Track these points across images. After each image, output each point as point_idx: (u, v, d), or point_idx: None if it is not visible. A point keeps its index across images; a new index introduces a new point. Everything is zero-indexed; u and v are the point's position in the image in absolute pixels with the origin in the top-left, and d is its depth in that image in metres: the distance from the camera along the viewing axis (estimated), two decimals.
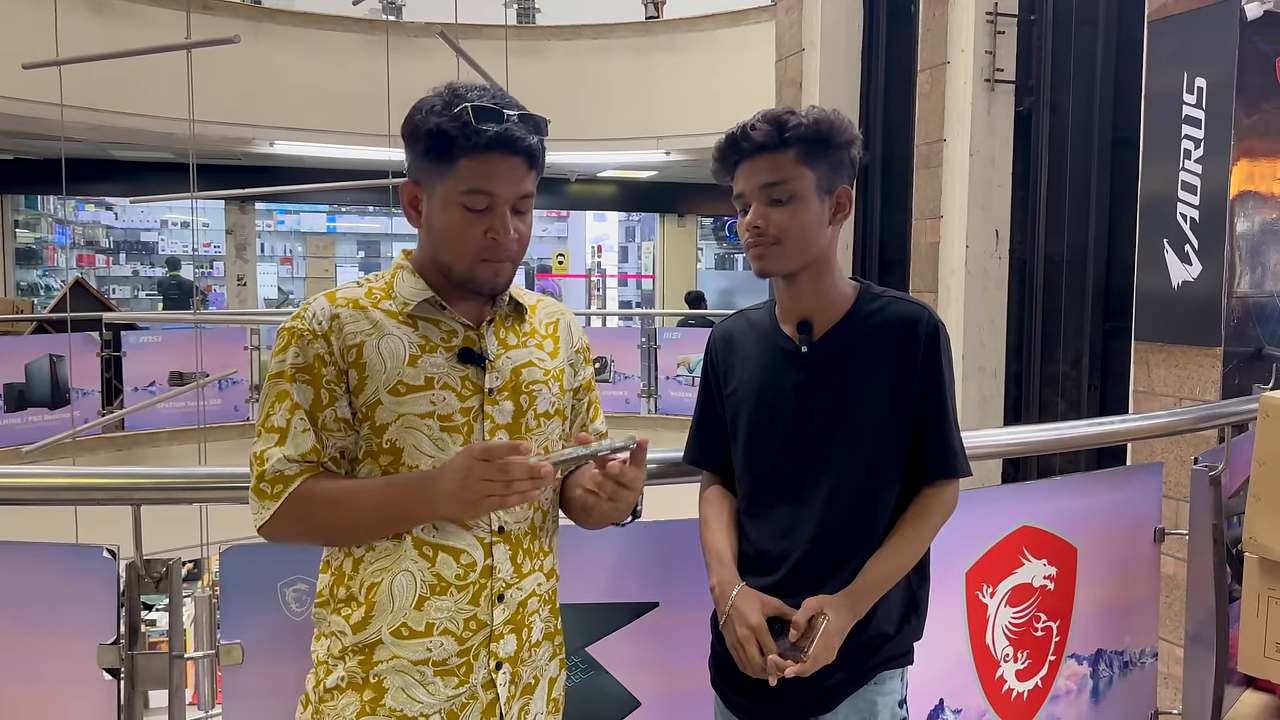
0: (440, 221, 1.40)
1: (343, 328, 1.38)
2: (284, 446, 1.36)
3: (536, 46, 9.92)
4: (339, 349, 1.38)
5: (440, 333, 1.42)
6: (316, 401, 1.37)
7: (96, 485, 1.71)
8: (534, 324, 1.53)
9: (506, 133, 1.35)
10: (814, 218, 1.55)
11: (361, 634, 1.38)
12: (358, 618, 1.38)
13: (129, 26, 8.45)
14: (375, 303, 1.42)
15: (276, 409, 1.38)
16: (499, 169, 1.36)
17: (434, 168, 1.38)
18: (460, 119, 1.34)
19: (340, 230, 15.14)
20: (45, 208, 13.44)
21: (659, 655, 1.83)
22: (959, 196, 5.02)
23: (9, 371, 7.30)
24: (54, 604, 1.69)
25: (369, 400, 1.38)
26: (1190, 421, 2.36)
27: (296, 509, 1.36)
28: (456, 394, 1.40)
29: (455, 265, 1.40)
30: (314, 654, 1.45)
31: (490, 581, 1.40)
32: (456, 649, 1.39)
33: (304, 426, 1.37)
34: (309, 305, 1.41)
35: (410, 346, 1.39)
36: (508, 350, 1.46)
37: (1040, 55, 4.89)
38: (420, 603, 1.37)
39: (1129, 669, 2.24)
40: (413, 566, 1.38)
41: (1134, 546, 2.23)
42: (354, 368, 1.38)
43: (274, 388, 1.39)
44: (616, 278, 16.62)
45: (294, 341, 1.38)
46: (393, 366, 1.38)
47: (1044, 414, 4.89)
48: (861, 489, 1.54)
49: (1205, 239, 3.48)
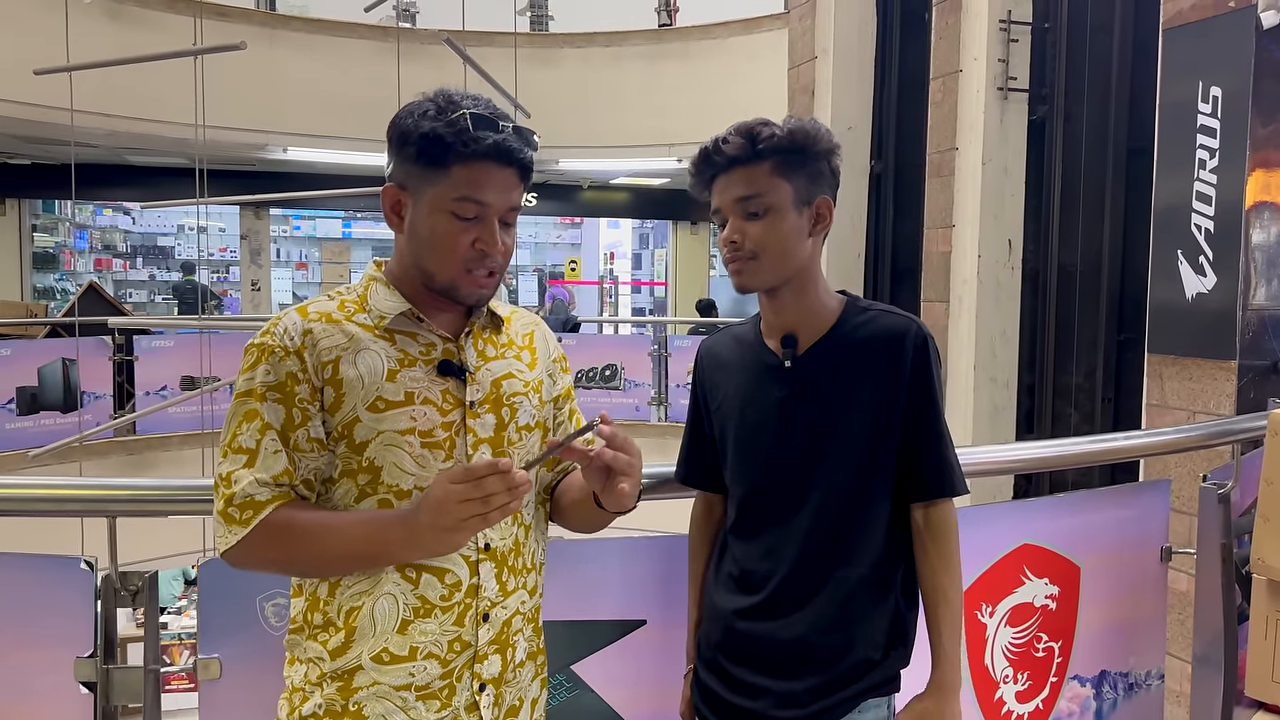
0: (426, 228, 1.36)
1: (317, 343, 1.33)
2: (254, 468, 1.30)
3: (549, 54, 9.93)
4: (313, 365, 1.32)
5: (419, 346, 1.38)
6: (289, 421, 1.32)
7: (71, 496, 1.68)
8: (511, 335, 1.49)
9: (504, 143, 1.33)
10: (792, 230, 1.50)
11: (340, 660, 1.34)
12: (336, 643, 1.34)
13: (141, 32, 8.50)
14: (349, 316, 1.37)
15: (244, 429, 1.32)
16: (493, 178, 1.34)
17: (424, 173, 1.34)
18: (457, 125, 1.32)
19: (356, 235, 15.18)
20: (63, 212, 13.53)
21: (646, 674, 1.79)
22: (971, 206, 4.98)
23: (22, 375, 7.31)
24: (32, 615, 1.66)
25: (346, 418, 1.33)
26: (1199, 438, 2.31)
27: (267, 537, 1.29)
28: (438, 408, 1.36)
29: (438, 274, 1.36)
30: (287, 679, 1.40)
31: (475, 601, 1.36)
32: (440, 672, 1.35)
33: (275, 447, 1.31)
34: (279, 320, 1.35)
35: (389, 361, 1.35)
36: (487, 362, 1.43)
37: (1054, 64, 4.84)
38: (403, 626, 1.33)
39: (1134, 691, 2.18)
40: (395, 589, 1.33)
41: (1140, 565, 2.17)
42: (330, 384, 1.33)
43: (242, 406, 1.32)
44: (629, 285, 16.61)
45: (264, 358, 1.33)
46: (371, 382, 1.33)
47: (1057, 426, 4.82)
48: (847, 507, 1.50)
49: (1220, 250, 3.41)
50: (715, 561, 1.62)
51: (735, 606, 1.54)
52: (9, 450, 7.08)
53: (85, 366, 7.31)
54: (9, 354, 7.33)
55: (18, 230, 11.94)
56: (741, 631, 1.53)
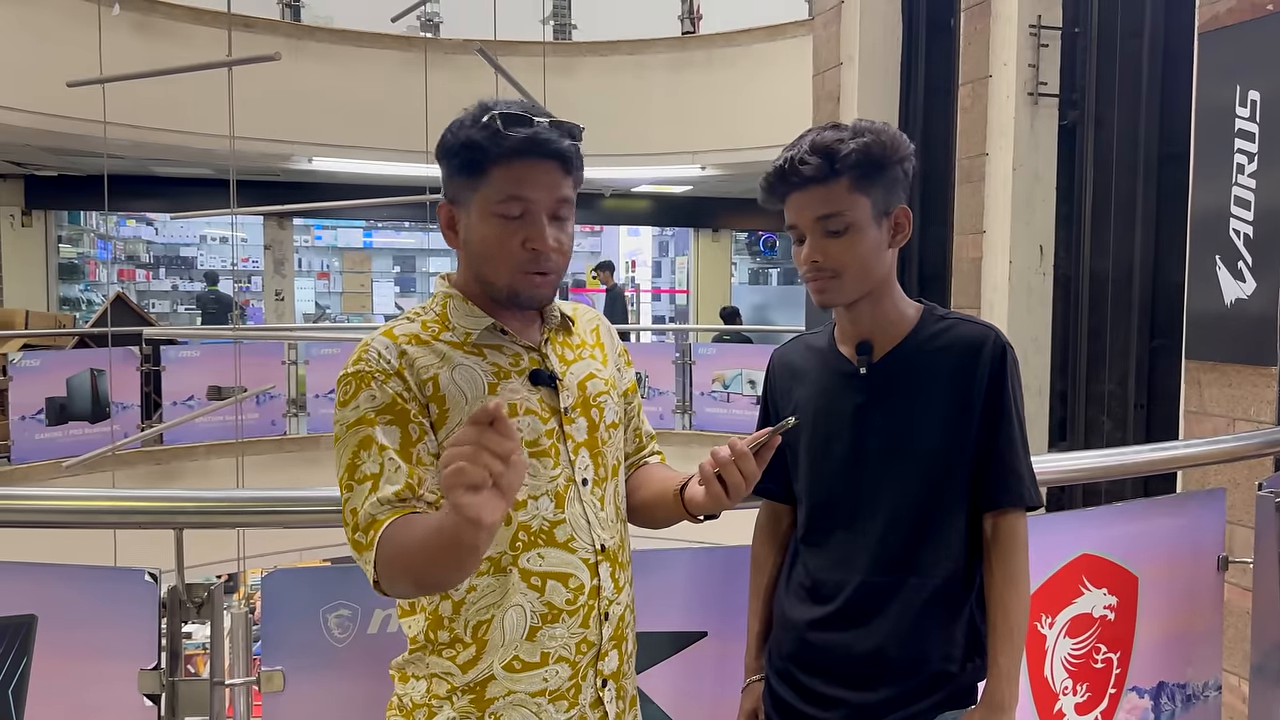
0: (478, 236, 1.36)
1: (414, 362, 1.33)
2: (378, 491, 1.27)
3: (573, 63, 9.94)
4: (415, 384, 1.32)
5: (507, 358, 1.39)
6: (406, 438, 1.30)
7: (138, 509, 1.69)
8: (580, 334, 1.50)
9: (536, 136, 1.32)
10: (873, 245, 1.49)
11: (472, 672, 1.34)
12: (466, 658, 1.34)
13: (171, 45, 8.56)
14: (435, 336, 1.37)
15: (364, 456, 1.28)
16: (531, 174, 1.33)
17: (468, 182, 1.35)
18: (489, 128, 1.32)
19: (376, 245, 15.25)
20: (87, 223, 13.63)
21: (707, 686, 1.78)
22: (1002, 211, 4.95)
23: (51, 385, 7.37)
24: (95, 628, 1.67)
25: (452, 433, 1.31)
26: (1256, 446, 2.28)
27: (388, 551, 1.24)
28: (539, 417, 1.37)
29: (496, 280, 1.37)
30: (404, 697, 1.39)
31: (598, 602, 1.39)
32: (569, 674, 1.37)
33: (395, 465, 1.28)
34: (368, 346, 1.34)
35: (486, 375, 1.36)
36: (569, 366, 1.44)
37: (1085, 68, 4.81)
38: (532, 633, 1.34)
39: (1192, 702, 2.16)
40: (522, 600, 1.34)
41: (1196, 574, 2.15)
42: (433, 401, 1.32)
43: (354, 436, 1.29)
44: (650, 293, 16.60)
45: (365, 385, 1.31)
46: (474, 396, 1.33)
47: (1090, 434, 4.79)
48: (921, 516, 1.49)
49: (1260, 255, 3.38)
50: (786, 571, 1.61)
51: (808, 617, 1.53)
52: (39, 460, 7.14)
53: (113, 377, 7.36)
54: (39, 365, 7.40)
55: (44, 241, 12.04)
56: (814, 642, 1.52)
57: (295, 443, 8.37)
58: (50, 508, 1.71)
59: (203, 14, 8.78)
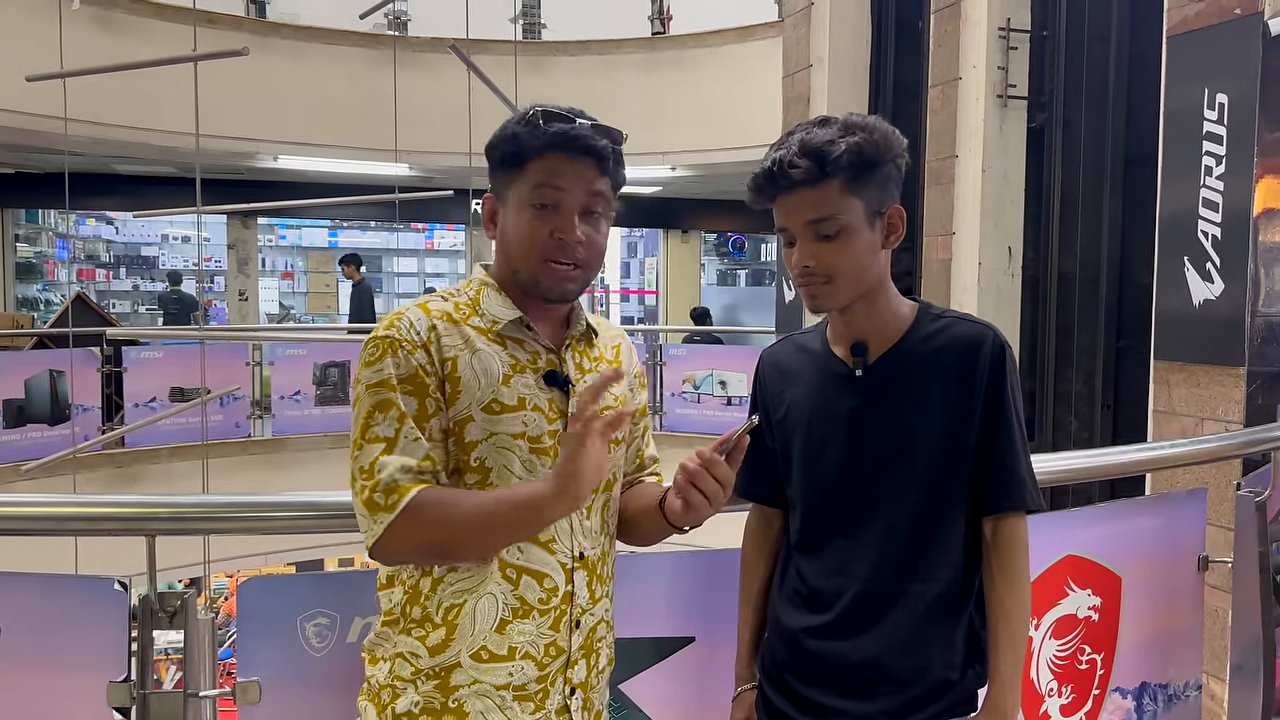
0: (512, 226, 1.41)
1: (440, 339, 1.37)
2: (396, 455, 1.31)
3: (543, 62, 9.89)
4: (438, 360, 1.36)
5: (526, 354, 1.42)
6: (422, 411, 1.34)
7: (110, 515, 1.64)
8: (601, 349, 1.52)
9: (573, 131, 1.38)
10: (866, 248, 1.45)
11: (439, 656, 1.35)
12: (436, 639, 1.35)
13: (132, 40, 8.42)
14: (465, 319, 1.41)
15: (381, 419, 1.32)
16: (566, 167, 1.38)
17: (508, 175, 1.41)
18: (530, 123, 1.39)
19: (342, 245, 15.07)
20: (45, 222, 13.38)
21: (695, 692, 1.75)
22: (971, 213, 4.98)
23: (8, 387, 7.21)
24: (61, 638, 1.61)
25: (459, 415, 1.36)
26: (1237, 446, 2.30)
27: (418, 520, 1.29)
28: (545, 416, 1.40)
29: (523, 269, 1.41)
30: (371, 679, 1.40)
31: (570, 608, 1.40)
32: (536, 674, 1.38)
33: (414, 435, 1.32)
34: (403, 314, 1.38)
35: (503, 365, 1.39)
36: (584, 375, 1.46)
37: (1053, 71, 4.85)
38: (501, 625, 1.36)
39: (1173, 702, 2.17)
40: (496, 589, 1.36)
41: (1177, 575, 2.16)
42: (449, 380, 1.36)
43: (375, 397, 1.33)
44: (620, 293, 16.56)
45: (392, 351, 1.34)
46: (487, 384, 1.37)
47: (1057, 434, 4.82)
48: (920, 522, 1.45)
49: (1228, 257, 3.42)
50: (779, 577, 1.58)
51: (803, 625, 1.50)
52: None
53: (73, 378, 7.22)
54: None
55: (0, 240, 11.80)
56: (811, 650, 1.49)
57: (260, 445, 8.25)
58: (16, 514, 1.64)
59: (165, 9, 8.65)
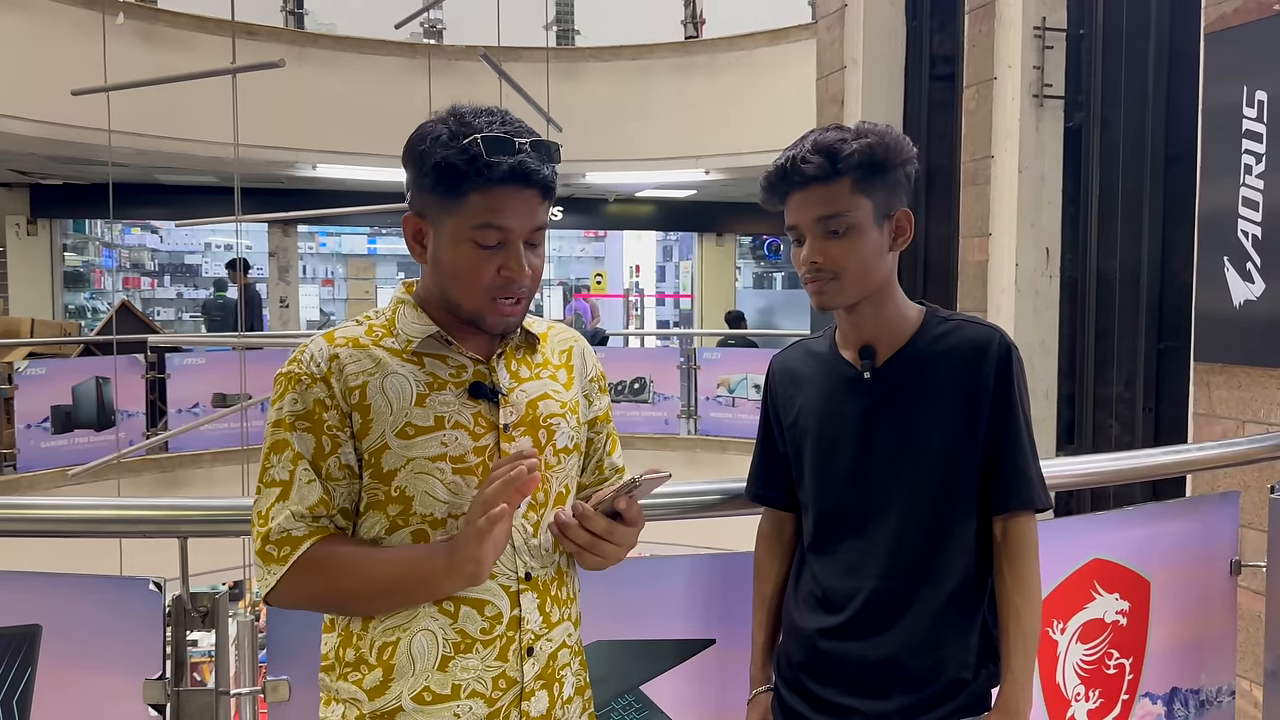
0: (449, 258, 1.31)
1: (343, 368, 1.30)
2: (288, 501, 1.27)
3: (576, 68, 9.95)
4: (340, 391, 1.29)
5: (448, 369, 1.34)
6: (319, 450, 1.28)
7: (143, 518, 1.68)
8: (546, 354, 1.44)
9: (521, 165, 1.26)
10: (874, 247, 1.47)
11: (379, 700, 1.29)
12: (373, 682, 1.29)
13: (175, 53, 8.59)
14: (376, 340, 1.33)
15: (276, 461, 1.29)
16: (512, 202, 1.27)
17: (441, 202, 1.29)
18: (469, 152, 1.25)
19: (380, 252, 15.27)
20: (92, 231, 13.67)
21: (715, 694, 1.76)
22: (1008, 214, 4.93)
23: (56, 394, 7.37)
24: (99, 638, 1.66)
25: (374, 445, 1.29)
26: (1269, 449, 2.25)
27: (307, 572, 1.26)
28: (469, 432, 1.31)
29: (464, 304, 1.32)
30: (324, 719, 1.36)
31: (519, 634, 1.31)
32: (486, 711, 1.29)
33: (309, 477, 1.28)
34: (306, 347, 1.33)
35: (417, 385, 1.31)
36: (521, 383, 1.38)
37: (1090, 70, 4.80)
38: (444, 663, 1.28)
39: (1206, 708, 2.14)
40: (432, 624, 1.29)
41: (1209, 579, 2.13)
42: (357, 410, 1.29)
43: (273, 437, 1.30)
44: (655, 297, 16.59)
45: (291, 387, 1.30)
46: (399, 407, 1.29)
47: (1098, 437, 4.76)
48: (932, 522, 1.47)
49: (1269, 256, 3.36)
50: (794, 580, 1.59)
51: (818, 626, 1.51)
52: (45, 468, 7.15)
53: (118, 384, 7.36)
54: (44, 373, 7.40)
55: (49, 250, 12.08)
56: (826, 651, 1.50)
57: None
58: (55, 517, 1.71)
59: (206, 22, 8.82)
